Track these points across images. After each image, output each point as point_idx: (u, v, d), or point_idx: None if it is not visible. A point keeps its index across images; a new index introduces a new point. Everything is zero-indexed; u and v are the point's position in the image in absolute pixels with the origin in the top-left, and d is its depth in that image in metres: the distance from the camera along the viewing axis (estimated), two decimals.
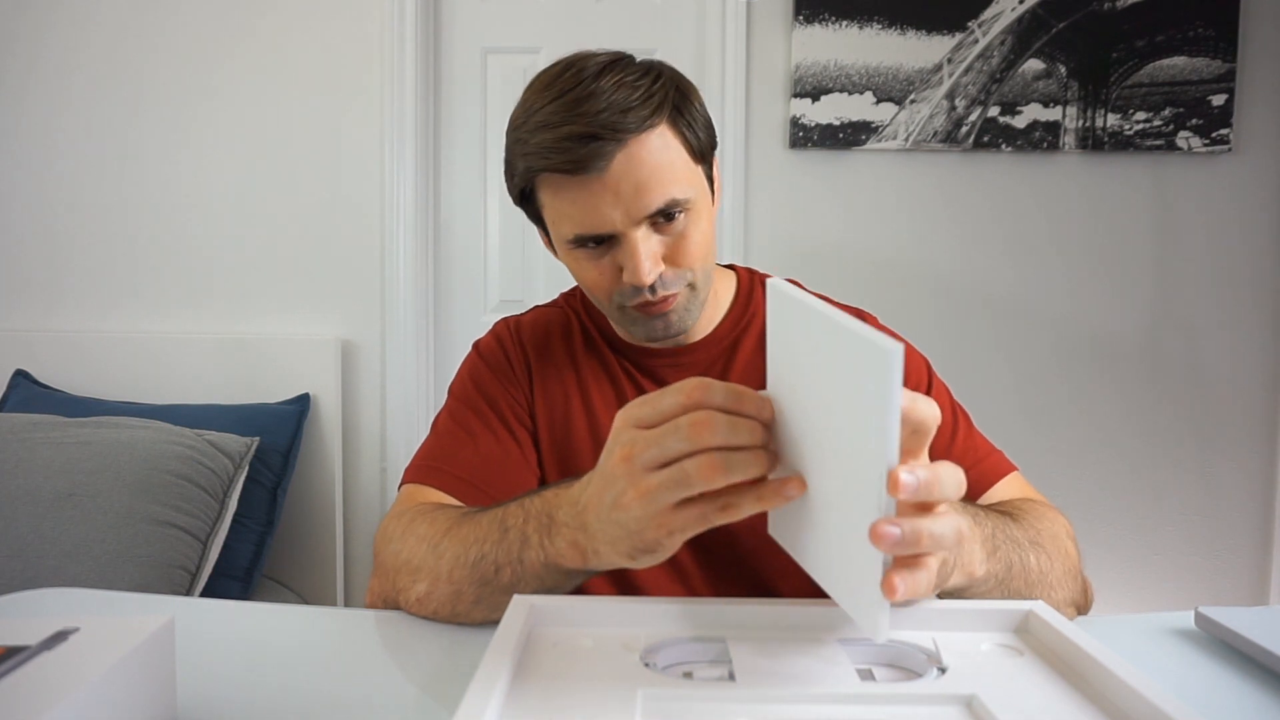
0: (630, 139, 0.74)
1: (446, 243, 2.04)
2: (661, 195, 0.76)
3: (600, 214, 0.76)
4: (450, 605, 0.68)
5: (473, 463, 0.84)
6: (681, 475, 0.49)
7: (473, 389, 0.91)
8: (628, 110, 0.74)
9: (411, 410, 1.97)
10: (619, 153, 0.74)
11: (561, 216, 0.78)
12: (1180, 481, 1.98)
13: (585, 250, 0.80)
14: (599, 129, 0.73)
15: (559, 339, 0.93)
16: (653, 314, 0.81)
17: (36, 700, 0.40)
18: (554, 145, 0.74)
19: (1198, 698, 0.56)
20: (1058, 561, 0.69)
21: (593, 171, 0.74)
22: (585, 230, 0.77)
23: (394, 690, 0.58)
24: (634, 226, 0.76)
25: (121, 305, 1.98)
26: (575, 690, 0.47)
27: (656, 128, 0.76)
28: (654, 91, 0.76)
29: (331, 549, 1.93)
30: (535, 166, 0.76)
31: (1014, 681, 0.49)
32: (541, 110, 0.76)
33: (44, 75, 1.96)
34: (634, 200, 0.75)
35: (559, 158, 0.74)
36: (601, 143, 0.73)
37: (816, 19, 1.90)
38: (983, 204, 1.95)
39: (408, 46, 1.92)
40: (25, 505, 1.48)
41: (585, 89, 0.74)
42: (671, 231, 0.78)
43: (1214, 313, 1.95)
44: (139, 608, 0.77)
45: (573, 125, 0.73)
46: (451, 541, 0.68)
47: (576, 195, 0.76)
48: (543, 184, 0.79)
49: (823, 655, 0.52)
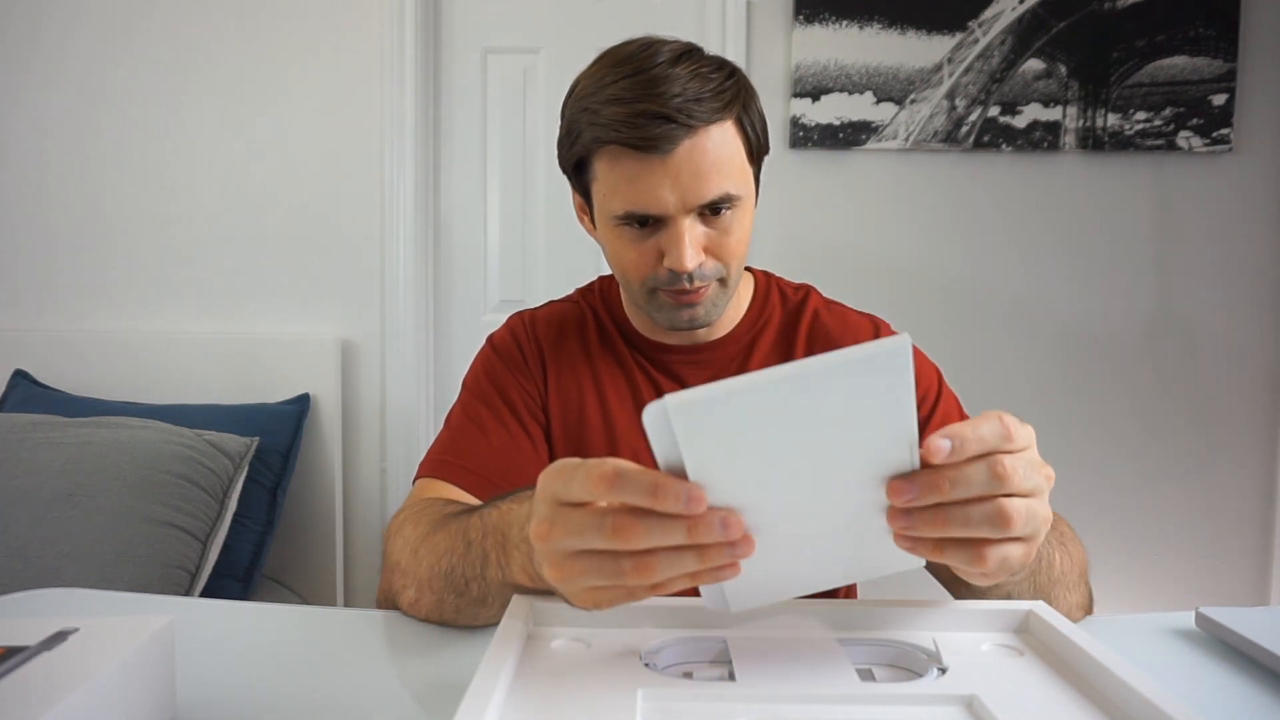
0: (700, 128, 0.76)
1: (446, 243, 2.04)
2: (718, 187, 0.77)
3: (656, 195, 0.77)
4: (437, 612, 0.68)
5: (484, 456, 0.84)
6: (609, 569, 0.45)
7: (485, 382, 0.91)
8: (701, 99, 0.75)
9: (411, 410, 1.97)
10: (687, 139, 0.76)
11: (615, 192, 0.79)
12: (1181, 481, 1.98)
13: (630, 229, 0.81)
14: (673, 112, 0.74)
15: (574, 333, 0.94)
16: (683, 302, 0.82)
17: (36, 700, 0.40)
18: (626, 119, 0.75)
19: (1198, 698, 0.56)
20: (1075, 564, 0.69)
21: (659, 153, 0.75)
22: (638, 209, 0.78)
23: (394, 690, 0.58)
24: (685, 214, 0.78)
25: (121, 305, 1.98)
26: (575, 690, 0.47)
27: (724, 122, 0.78)
28: (726, 87, 0.78)
29: (331, 549, 1.93)
30: (603, 138, 0.77)
31: (1014, 681, 0.49)
32: (615, 84, 0.77)
33: (43, 75, 1.96)
34: (691, 188, 0.77)
35: (630, 132, 0.75)
36: (674, 126, 0.75)
37: (816, 19, 1.90)
38: (983, 204, 1.95)
39: (408, 46, 1.92)
40: (25, 505, 1.48)
41: (662, 71, 0.76)
42: (717, 225, 0.80)
43: (1214, 313, 1.95)
44: (139, 608, 0.77)
45: (648, 104, 0.74)
46: (427, 550, 0.68)
47: (637, 173, 0.77)
48: (603, 156, 0.79)
49: (823, 655, 0.52)
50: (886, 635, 0.54)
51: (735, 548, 0.44)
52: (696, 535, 0.43)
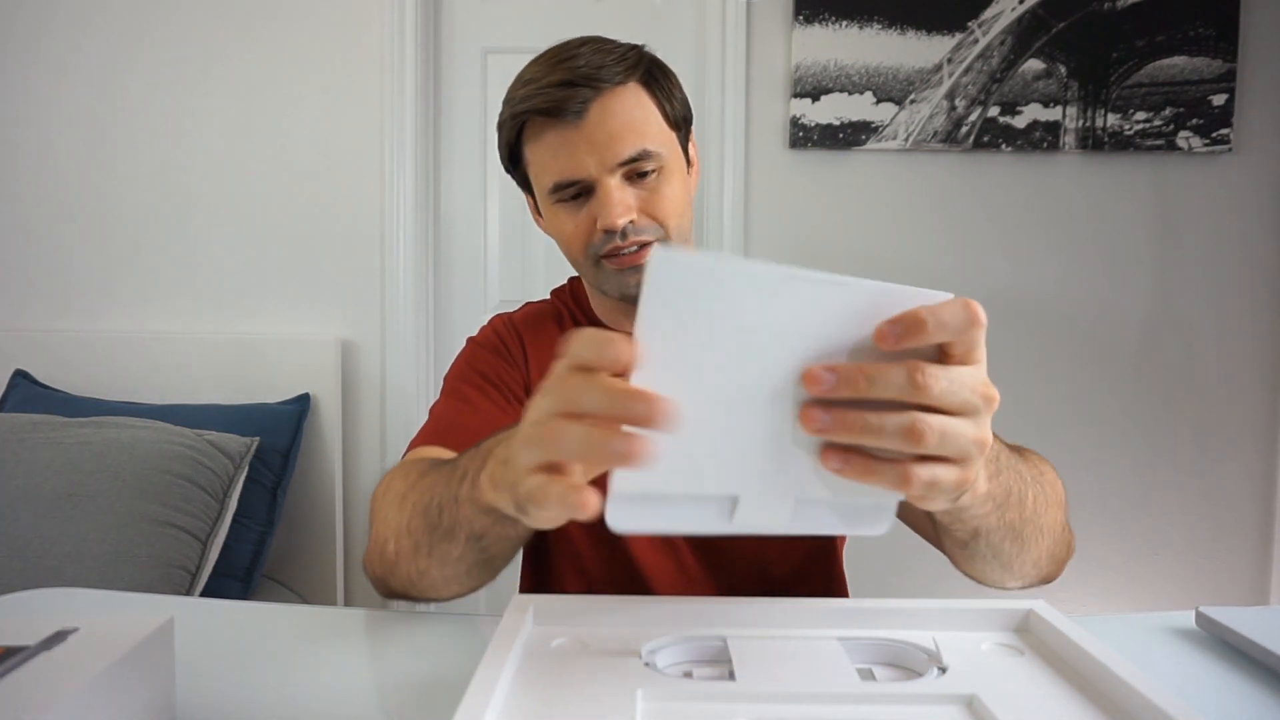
0: (606, 89, 0.81)
1: (446, 243, 2.04)
2: (634, 144, 0.82)
3: (577, 159, 0.82)
4: (412, 561, 0.65)
5: (476, 427, 0.84)
6: (537, 436, 0.43)
7: (470, 371, 0.92)
8: (604, 66, 0.82)
9: (411, 410, 1.97)
10: (595, 100, 0.81)
11: (543, 167, 0.84)
12: (1180, 481, 1.98)
13: (565, 204, 0.85)
14: (577, 78, 0.80)
15: (552, 328, 0.97)
16: (625, 265, 0.84)
17: (36, 700, 0.40)
18: (536, 91, 0.81)
19: (1198, 698, 0.56)
20: (1050, 509, 0.67)
21: (570, 115, 0.81)
22: (563, 176, 0.83)
23: (394, 690, 0.58)
24: (608, 174, 0.82)
25: (121, 305, 1.98)
26: (575, 690, 0.47)
27: (630, 84, 0.83)
28: (629, 56, 0.84)
29: (331, 549, 1.93)
30: (519, 110, 0.83)
31: (1014, 681, 0.49)
32: (528, 70, 0.85)
33: (43, 75, 1.96)
34: (607, 147, 0.81)
35: (540, 99, 0.81)
36: (579, 89, 0.80)
37: (816, 19, 1.90)
38: (983, 204, 1.95)
39: (408, 46, 1.92)
40: (25, 505, 1.48)
41: (568, 52, 0.83)
42: (644, 186, 0.84)
43: (1214, 313, 1.95)
44: (138, 608, 0.77)
45: (555, 74, 0.81)
46: (414, 491, 0.66)
47: (556, 143, 0.82)
48: (528, 137, 0.85)
49: (823, 655, 0.52)
50: (886, 635, 0.55)
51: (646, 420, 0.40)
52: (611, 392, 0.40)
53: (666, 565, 0.88)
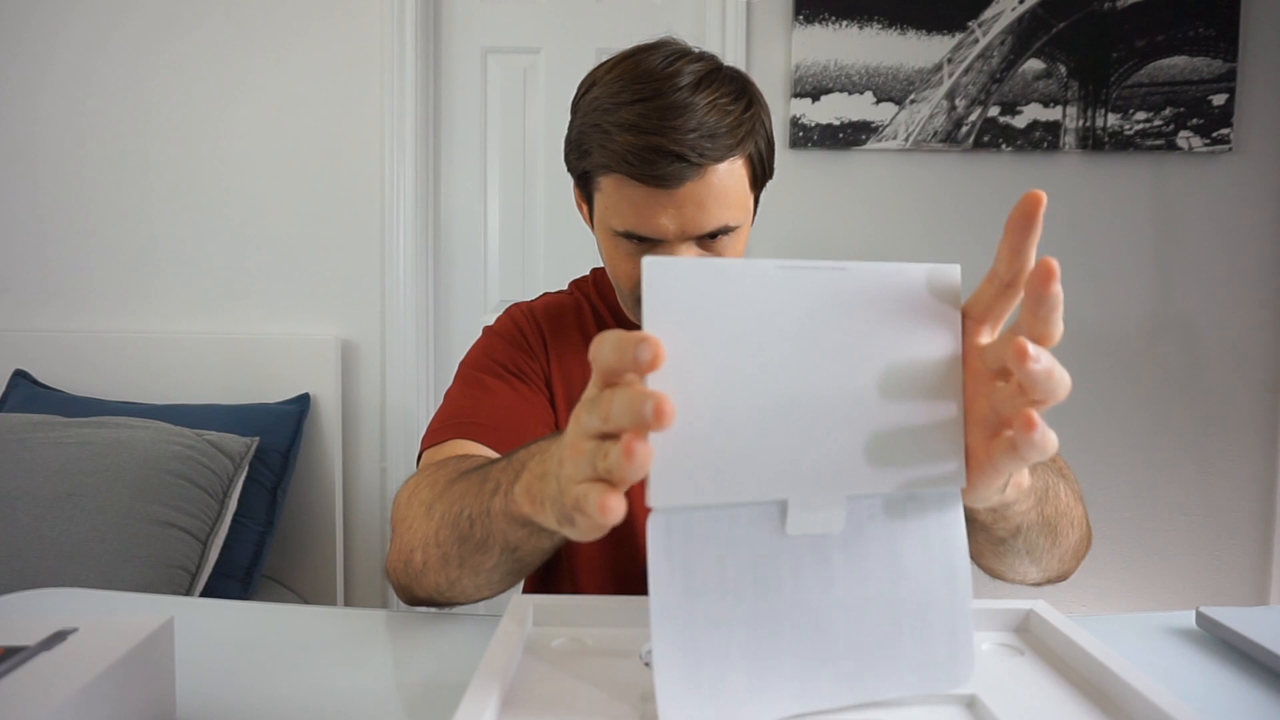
0: (709, 165, 0.76)
1: (446, 243, 2.04)
2: (718, 220, 0.78)
3: (656, 223, 0.78)
4: (442, 571, 0.64)
5: (493, 412, 0.83)
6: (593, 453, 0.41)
7: (485, 358, 0.91)
8: (716, 136, 0.75)
9: (411, 410, 1.97)
10: (696, 177, 0.76)
11: (616, 212, 0.79)
12: (1181, 481, 1.98)
13: (626, 243, 0.81)
14: (686, 150, 0.74)
15: (572, 320, 0.95)
16: None
17: (36, 700, 0.40)
18: (638, 154, 0.74)
19: (1198, 698, 0.56)
20: (1077, 502, 0.70)
21: (666, 188, 0.76)
22: (638, 231, 0.79)
23: (394, 690, 0.58)
24: (683, 241, 0.79)
25: (122, 305, 1.98)
26: (575, 690, 0.47)
27: (735, 159, 0.78)
28: (743, 121, 0.78)
29: (331, 549, 1.93)
30: (612, 166, 0.77)
31: (1014, 681, 0.49)
32: (631, 107, 0.76)
33: (42, 77, 1.96)
34: (692, 219, 0.77)
35: (641, 168, 0.75)
36: (684, 165, 0.74)
37: (816, 19, 1.90)
38: (983, 204, 1.95)
39: (408, 46, 1.92)
40: (25, 505, 1.48)
41: (681, 99, 0.75)
42: (712, 249, 0.81)
43: (1214, 313, 1.95)
44: (139, 608, 0.77)
45: (662, 139, 0.74)
46: (442, 501, 0.65)
47: (640, 200, 0.77)
48: (609, 177, 0.79)
49: None
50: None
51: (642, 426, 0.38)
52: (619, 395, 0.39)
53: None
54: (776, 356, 0.43)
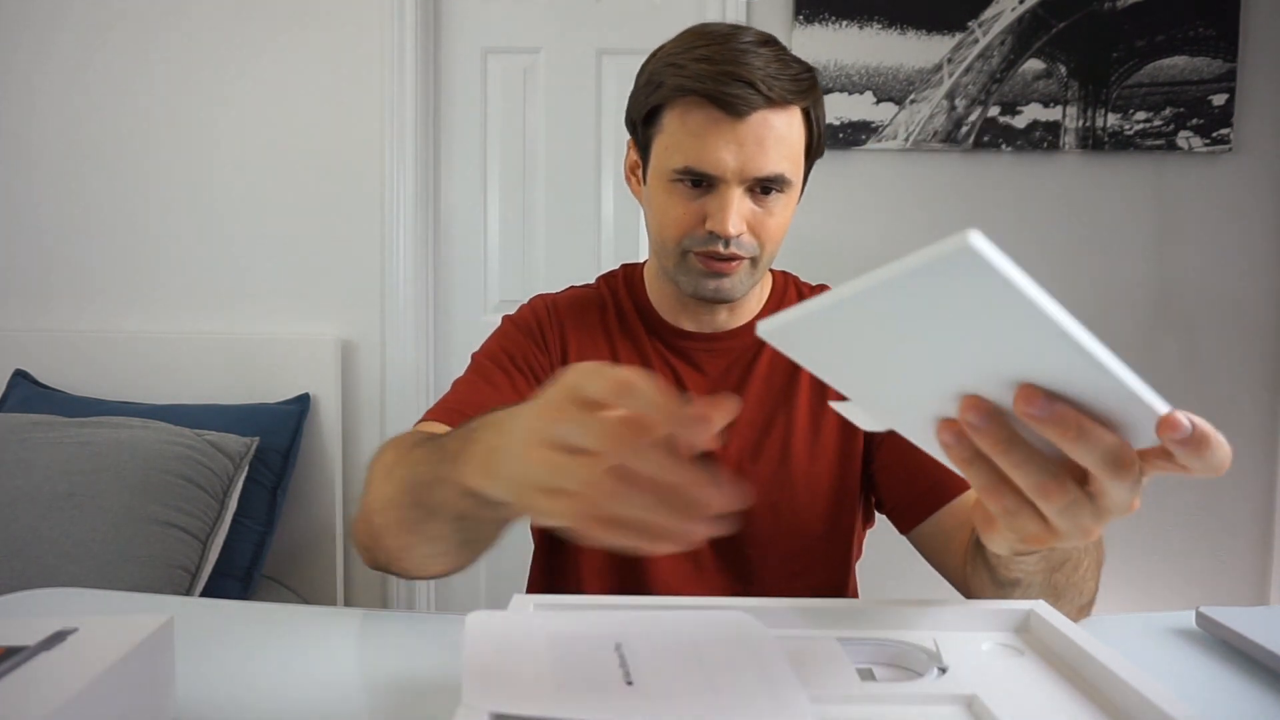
0: (777, 103, 0.79)
1: (446, 243, 2.04)
2: (775, 164, 0.80)
3: (718, 156, 0.79)
4: (397, 535, 0.63)
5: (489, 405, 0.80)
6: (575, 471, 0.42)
7: (499, 351, 0.91)
8: (782, 78, 0.79)
9: (411, 410, 1.97)
10: (763, 109, 0.79)
11: (679, 145, 0.81)
12: (1181, 481, 1.98)
13: (682, 186, 0.82)
14: (757, 81, 0.77)
15: (595, 315, 0.95)
16: (714, 269, 0.83)
17: (36, 700, 0.40)
18: (712, 75, 0.78)
19: (1198, 698, 0.56)
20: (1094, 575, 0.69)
21: (734, 113, 0.78)
22: (697, 165, 0.80)
23: (393, 690, 0.58)
24: (739, 183, 0.80)
25: (122, 305, 1.98)
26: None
27: (796, 107, 0.81)
28: (803, 77, 0.81)
29: (331, 549, 1.93)
30: (687, 86, 0.79)
31: (1014, 681, 0.49)
32: (705, 48, 0.80)
33: (42, 76, 1.95)
34: (753, 157, 0.79)
35: (714, 85, 0.78)
36: (754, 93, 0.77)
37: (816, 19, 1.90)
38: (983, 204, 1.95)
39: (408, 46, 1.92)
40: (25, 505, 1.48)
41: (749, 47, 0.80)
42: (764, 205, 0.82)
43: (1214, 312, 1.95)
44: (139, 607, 0.77)
45: (734, 68, 0.77)
46: (401, 465, 0.64)
47: (706, 129, 0.79)
48: (677, 106, 0.81)
49: (823, 655, 0.51)
50: (886, 635, 0.54)
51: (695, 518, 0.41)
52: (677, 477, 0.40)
53: (684, 566, 0.88)
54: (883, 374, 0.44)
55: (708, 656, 0.47)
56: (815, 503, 0.88)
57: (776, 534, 0.87)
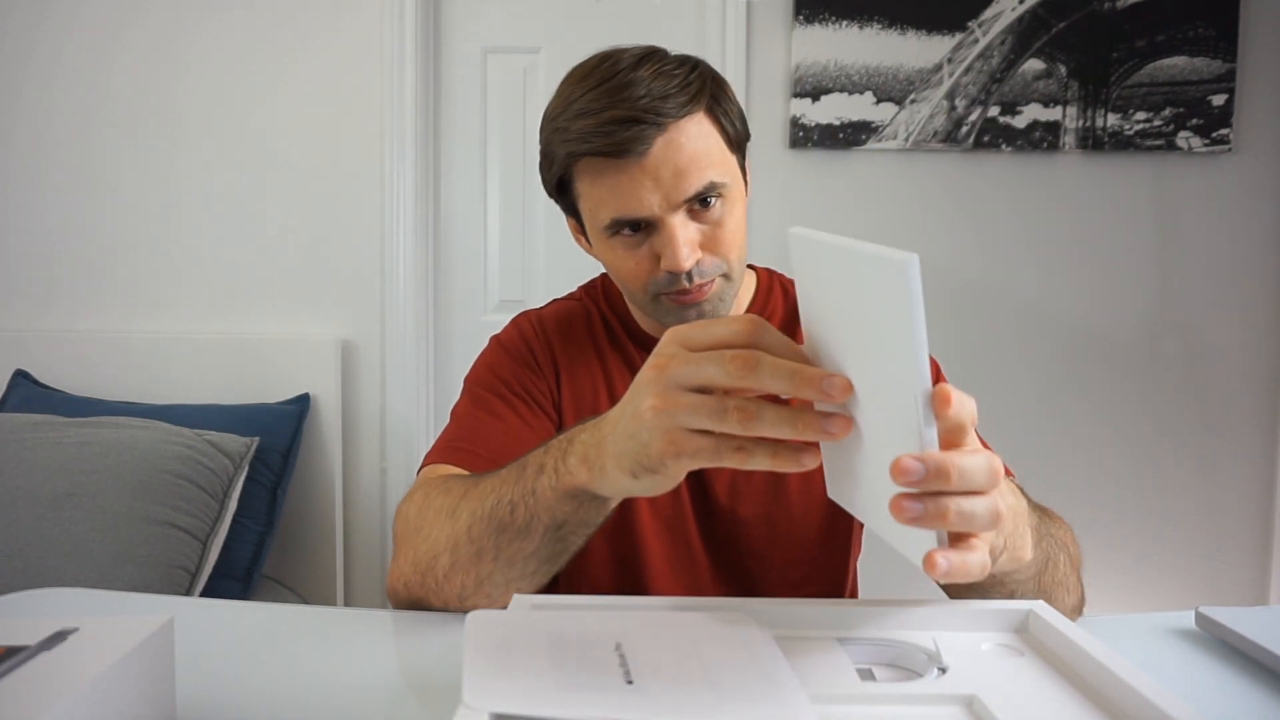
0: (670, 124, 0.76)
1: (446, 243, 2.04)
2: (699, 179, 0.77)
3: (639, 198, 0.76)
4: (474, 568, 0.65)
5: (498, 441, 0.82)
6: (711, 408, 0.48)
7: (492, 376, 0.89)
8: (667, 97, 0.75)
9: (411, 410, 1.97)
10: (659, 137, 0.75)
11: (600, 203, 0.79)
12: (1180, 481, 1.98)
13: (622, 238, 0.80)
14: (640, 113, 0.74)
15: (583, 331, 0.93)
16: (687, 303, 0.81)
17: (36, 700, 0.40)
18: (596, 129, 0.75)
19: (1198, 698, 0.56)
20: (1074, 569, 0.71)
21: (633, 155, 0.75)
22: (624, 214, 0.78)
23: (394, 690, 0.58)
24: (672, 212, 0.77)
25: (122, 305, 1.98)
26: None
27: (695, 115, 0.77)
28: (691, 80, 0.78)
29: (331, 549, 1.93)
30: (577, 151, 0.77)
31: (1014, 681, 0.49)
32: (581, 99, 0.77)
33: (42, 75, 1.95)
34: (673, 185, 0.76)
35: (601, 141, 0.75)
36: (643, 127, 0.74)
37: (816, 19, 1.90)
38: (983, 204, 1.95)
39: (408, 46, 1.92)
40: (25, 505, 1.48)
41: (624, 77, 0.76)
42: (708, 219, 0.79)
43: (1214, 313, 1.95)
44: (139, 608, 0.77)
45: (614, 110, 0.74)
46: (469, 500, 0.66)
47: (616, 180, 0.77)
48: (582, 171, 0.79)
49: (822, 655, 0.52)
50: (886, 635, 0.54)
51: (829, 422, 0.47)
52: (801, 387, 0.46)
53: (683, 581, 0.88)
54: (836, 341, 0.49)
55: (708, 656, 0.47)
56: (811, 511, 0.87)
57: (774, 545, 0.87)
